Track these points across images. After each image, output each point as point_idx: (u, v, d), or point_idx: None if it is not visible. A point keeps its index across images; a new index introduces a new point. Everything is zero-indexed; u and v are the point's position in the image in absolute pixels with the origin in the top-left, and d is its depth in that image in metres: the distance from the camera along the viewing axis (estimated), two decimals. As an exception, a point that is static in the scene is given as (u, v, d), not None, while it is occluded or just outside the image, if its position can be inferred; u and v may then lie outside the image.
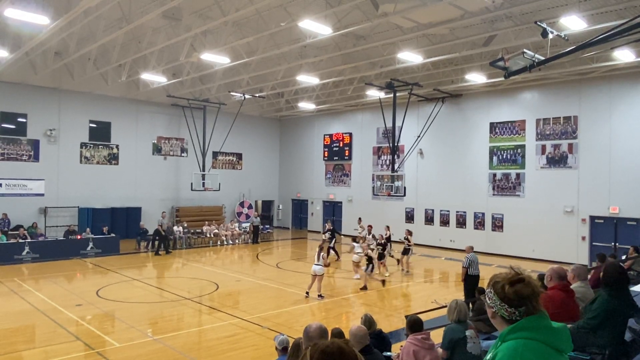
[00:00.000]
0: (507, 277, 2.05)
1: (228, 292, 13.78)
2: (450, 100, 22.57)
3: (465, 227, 22.07)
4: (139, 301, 12.35)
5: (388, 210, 24.67)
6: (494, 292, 2.05)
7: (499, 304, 2.03)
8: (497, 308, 2.04)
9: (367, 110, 26.51)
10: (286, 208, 31.15)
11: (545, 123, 19.54)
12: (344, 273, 16.80)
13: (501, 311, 2.03)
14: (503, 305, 2.02)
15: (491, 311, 2.08)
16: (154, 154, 25.56)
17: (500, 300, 2.02)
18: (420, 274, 16.97)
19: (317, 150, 29.34)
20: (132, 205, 23.98)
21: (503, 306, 2.02)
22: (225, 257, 20.89)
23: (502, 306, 2.02)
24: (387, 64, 18.15)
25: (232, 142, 27.59)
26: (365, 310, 11.84)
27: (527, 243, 19.66)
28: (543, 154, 19.59)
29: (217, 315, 11.13)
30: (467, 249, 12.07)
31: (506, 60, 10.12)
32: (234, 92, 23.32)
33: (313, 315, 11.49)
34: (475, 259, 11.58)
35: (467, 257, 11.66)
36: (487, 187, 21.34)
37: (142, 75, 19.18)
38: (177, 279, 15.57)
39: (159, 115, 25.66)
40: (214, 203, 27.42)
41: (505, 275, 2.07)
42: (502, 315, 2.03)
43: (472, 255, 11.66)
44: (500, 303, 2.03)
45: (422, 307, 11.49)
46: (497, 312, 2.04)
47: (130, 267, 17.30)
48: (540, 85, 19.69)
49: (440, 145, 23.12)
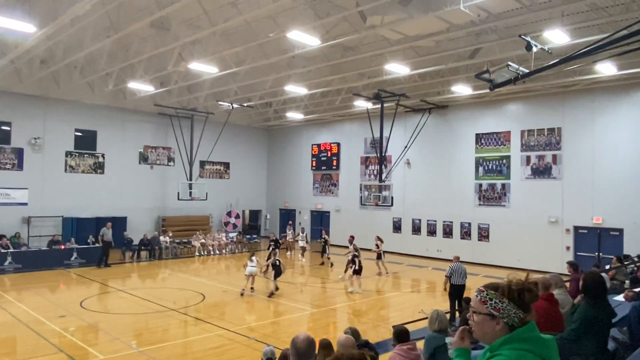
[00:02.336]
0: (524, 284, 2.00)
1: (214, 302, 13.65)
2: (436, 111, 22.82)
3: (452, 237, 22.20)
4: (124, 312, 12.18)
5: (376, 220, 24.74)
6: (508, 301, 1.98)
7: (513, 313, 1.98)
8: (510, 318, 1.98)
9: (355, 120, 26.65)
10: (274, 218, 31.05)
11: (530, 134, 19.86)
12: (331, 284, 16.76)
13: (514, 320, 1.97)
14: (518, 312, 1.97)
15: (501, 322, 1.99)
16: (140, 163, 25.34)
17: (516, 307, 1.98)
18: (407, 284, 17.00)
19: (305, 160, 29.37)
20: (117, 214, 23.69)
21: (518, 313, 1.97)
22: (212, 268, 20.71)
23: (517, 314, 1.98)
24: (374, 75, 18.31)
25: (220, 152, 27.49)
26: (353, 320, 11.82)
27: (512, 253, 19.84)
28: (528, 165, 19.87)
29: (203, 326, 11.01)
30: (453, 258, 12.18)
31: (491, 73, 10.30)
32: (222, 102, 23.26)
33: (300, 326, 11.43)
34: (459, 269, 11.67)
35: (450, 267, 11.80)
36: (473, 198, 21.54)
37: (129, 84, 19.07)
38: (162, 289, 15.38)
39: (145, 124, 25.49)
40: (201, 213, 27.22)
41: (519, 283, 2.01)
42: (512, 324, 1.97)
43: (456, 265, 11.75)
44: (515, 311, 1.98)
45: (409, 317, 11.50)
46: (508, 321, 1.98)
47: (114, 278, 17.06)
48: (525, 97, 20.03)
49: (427, 155, 23.31)
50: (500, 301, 1.99)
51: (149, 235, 22.24)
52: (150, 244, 21.71)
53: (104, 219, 21.49)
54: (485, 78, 10.45)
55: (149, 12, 12.14)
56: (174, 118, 24.99)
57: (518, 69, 9.98)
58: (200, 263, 21.53)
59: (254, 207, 31.49)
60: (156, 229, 24.97)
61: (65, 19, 11.46)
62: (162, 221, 25.68)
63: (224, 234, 25.22)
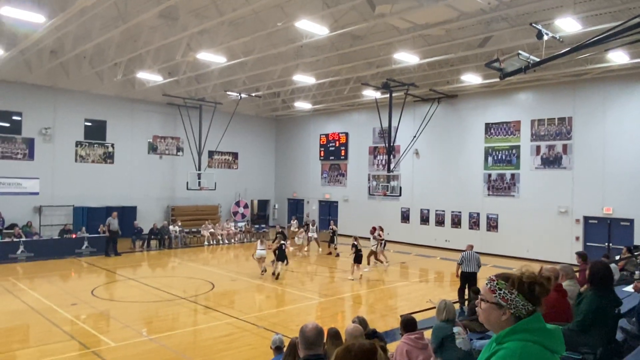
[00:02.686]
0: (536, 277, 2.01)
1: (224, 291, 13.78)
2: (446, 101, 22.65)
3: (460, 227, 22.15)
4: (134, 300, 12.34)
5: (384, 210, 24.74)
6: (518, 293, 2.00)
7: (521, 305, 1.99)
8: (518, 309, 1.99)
9: (363, 110, 26.53)
10: (282, 208, 31.16)
11: (540, 124, 19.65)
12: (340, 273, 16.85)
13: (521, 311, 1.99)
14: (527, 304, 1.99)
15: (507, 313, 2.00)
16: (149, 153, 25.49)
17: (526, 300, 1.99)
18: (415, 273, 17.05)
19: (313, 150, 29.36)
20: (127, 204, 23.92)
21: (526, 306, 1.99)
22: (220, 257, 20.89)
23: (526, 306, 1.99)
24: (383, 64, 18.18)
25: (228, 142, 27.55)
26: (361, 309, 11.90)
27: (521, 243, 19.77)
28: (538, 155, 19.70)
29: (212, 314, 11.14)
30: (466, 247, 12.35)
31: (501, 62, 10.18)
32: (230, 92, 23.28)
33: (309, 315, 11.52)
34: (470, 257, 11.84)
35: (461, 255, 12.03)
36: (482, 188, 21.43)
37: (138, 74, 19.12)
38: (172, 278, 15.55)
39: (154, 114, 25.58)
40: (209, 202, 27.39)
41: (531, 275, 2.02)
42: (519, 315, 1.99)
43: (468, 252, 11.96)
44: (524, 303, 1.99)
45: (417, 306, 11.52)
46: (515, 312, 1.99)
47: (125, 266, 17.26)
48: (536, 86, 19.79)
49: (436, 145, 23.19)
50: (510, 292, 2.00)
51: (159, 225, 22.45)
52: (159, 233, 21.92)
53: (114, 209, 21.71)
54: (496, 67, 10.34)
55: (157, 2, 12.13)
56: (182, 108, 25.05)
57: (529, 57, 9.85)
58: (209, 252, 21.71)
59: (263, 197, 31.60)
60: (165, 218, 25.19)
61: (74, 9, 11.49)
62: (172, 211, 25.88)
63: (232, 224, 25.39)
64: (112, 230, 19.24)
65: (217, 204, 27.84)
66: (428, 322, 8.70)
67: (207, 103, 25.25)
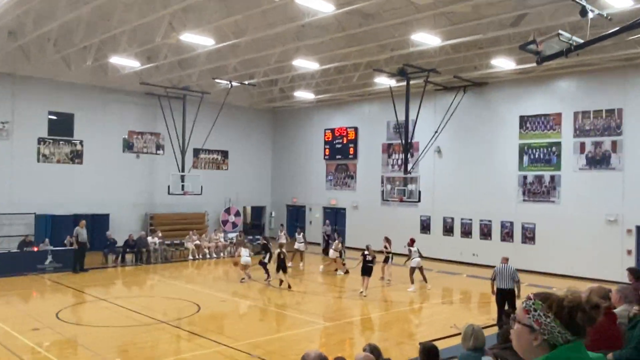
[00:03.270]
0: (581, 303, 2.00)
1: (211, 314, 13.79)
2: (473, 90, 22.62)
3: (490, 239, 22.08)
4: (106, 325, 12.33)
5: (400, 219, 24.70)
6: (554, 318, 2.00)
7: (557, 332, 1.98)
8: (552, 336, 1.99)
9: (376, 101, 26.48)
10: (280, 215, 31.17)
11: (585, 117, 19.60)
12: (348, 292, 16.83)
13: (557, 339, 1.99)
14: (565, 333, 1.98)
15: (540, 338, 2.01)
16: (124, 151, 25.57)
17: (563, 327, 1.98)
18: (437, 293, 17.01)
19: (317, 148, 29.37)
20: (98, 211, 23.97)
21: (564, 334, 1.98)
22: (208, 273, 20.87)
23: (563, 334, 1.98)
24: (398, 47, 18.17)
25: (217, 138, 27.58)
26: (373, 336, 11.88)
27: (562, 258, 19.68)
28: (582, 153, 19.64)
29: (198, 341, 11.13)
30: (501, 259, 12.50)
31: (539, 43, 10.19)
32: (219, 79, 23.31)
33: (311, 342, 11.49)
34: (504, 271, 11.97)
35: (494, 269, 12.21)
36: (516, 192, 21.37)
37: (111, 59, 19.20)
38: (151, 298, 15.58)
39: (130, 106, 25.66)
40: (195, 209, 27.41)
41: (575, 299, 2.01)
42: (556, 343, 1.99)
43: (501, 266, 12.11)
44: (560, 330, 1.98)
45: (439, 332, 11.51)
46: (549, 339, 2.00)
47: (96, 285, 17.28)
48: (579, 72, 19.73)
49: (462, 142, 23.15)
50: (545, 315, 2.00)
51: (135, 236, 22.48)
52: (136, 245, 21.96)
53: (83, 217, 21.77)
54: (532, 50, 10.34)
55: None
56: (163, 99, 25.10)
57: (571, 38, 9.85)
58: (195, 268, 21.71)
59: (257, 203, 31.60)
60: (143, 228, 25.21)
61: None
62: (150, 219, 25.93)
63: (222, 235, 25.41)
64: (81, 242, 19.29)
65: (203, 212, 27.85)
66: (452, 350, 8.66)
67: (192, 93, 25.30)
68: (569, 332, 1.97)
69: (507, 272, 11.96)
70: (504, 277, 11.91)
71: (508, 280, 11.89)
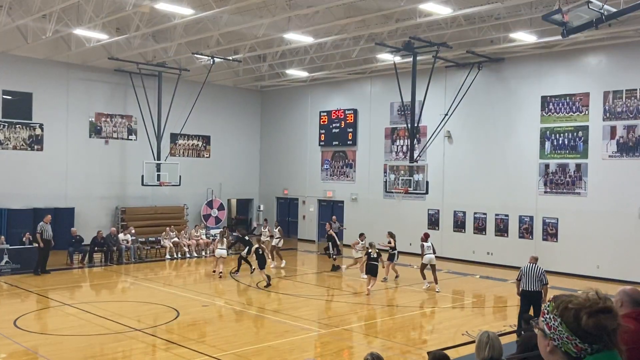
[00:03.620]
0: (585, 304, 2.01)
1: (192, 320, 13.77)
2: (488, 67, 22.58)
3: (507, 236, 22.16)
4: (72, 333, 12.28)
5: (405, 213, 24.74)
6: (561, 321, 2.02)
7: (566, 337, 2.00)
8: (563, 342, 2.01)
9: (378, 79, 26.41)
10: (269, 209, 31.17)
11: (617, 97, 19.61)
12: (346, 296, 16.87)
13: (567, 346, 2.00)
14: (573, 339, 1.99)
15: (551, 345, 2.05)
16: (91, 136, 25.45)
17: (570, 332, 1.99)
18: (447, 297, 17.07)
19: (311, 133, 29.32)
20: (61, 205, 23.90)
21: (572, 340, 1.99)
22: (187, 275, 20.86)
23: (572, 340, 1.99)
24: (404, 18, 18.09)
25: (198, 122, 27.49)
26: (375, 344, 11.91)
27: (589, 257, 19.77)
28: (612, 139, 19.67)
29: (177, 351, 11.12)
30: (529, 259, 12.72)
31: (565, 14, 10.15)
32: (199, 55, 23.18)
33: (305, 352, 11.51)
34: (530, 271, 12.19)
35: (520, 269, 12.46)
36: (536, 183, 21.42)
37: (75, 31, 19.02)
38: (123, 303, 15.55)
39: (98, 84, 25.51)
40: (172, 202, 27.39)
41: (582, 301, 2.03)
42: (568, 351, 2.01)
43: (528, 265, 12.33)
44: (569, 336, 1.99)
45: (449, 340, 11.55)
46: (561, 347, 2.02)
47: (59, 288, 17.23)
48: (610, 46, 19.72)
49: (475, 126, 23.15)
50: (554, 318, 2.04)
51: (104, 233, 22.45)
52: (105, 243, 21.92)
53: (45, 211, 21.68)
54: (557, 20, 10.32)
55: None
56: (135, 77, 24.96)
57: (602, 7, 9.82)
58: (173, 269, 21.71)
59: (243, 196, 31.59)
60: (113, 224, 25.15)
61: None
62: (122, 214, 25.88)
63: (203, 231, 25.40)
64: (46, 240, 19.24)
65: (182, 205, 27.84)
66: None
67: (168, 70, 25.17)
68: (577, 339, 1.97)
69: (534, 273, 12.11)
70: (531, 278, 12.07)
71: (535, 281, 12.04)
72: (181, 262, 22.95)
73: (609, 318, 1.98)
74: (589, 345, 1.96)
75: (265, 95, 31.76)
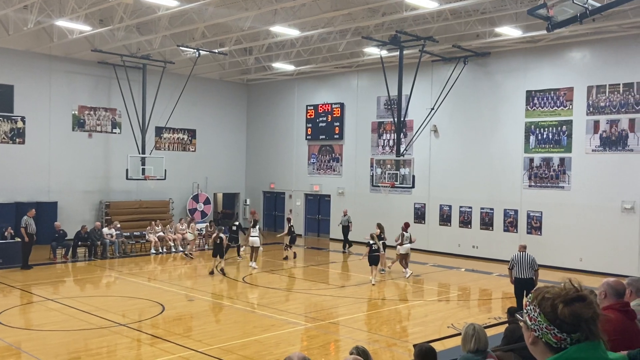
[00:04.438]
0: (561, 293, 2.05)
1: (177, 315, 13.75)
2: (474, 61, 22.67)
3: (492, 229, 22.32)
4: (55, 329, 12.24)
5: (391, 207, 24.81)
6: (540, 312, 2.05)
7: (545, 327, 2.04)
8: (542, 333, 2.04)
9: (365, 73, 26.42)
10: (255, 203, 31.12)
11: (600, 92, 19.78)
12: (331, 290, 16.91)
13: (547, 336, 2.04)
14: (552, 329, 2.02)
15: (532, 336, 2.08)
16: (74, 129, 25.22)
17: (548, 322, 2.03)
18: (432, 290, 17.19)
19: (298, 127, 29.28)
20: (44, 199, 23.70)
21: (551, 330, 2.02)
22: (173, 269, 20.80)
23: (550, 330, 2.02)
24: (391, 11, 18.09)
25: (183, 115, 27.38)
26: (360, 337, 11.96)
27: (572, 250, 19.99)
28: (596, 133, 19.86)
29: (162, 345, 11.10)
30: (518, 247, 13.29)
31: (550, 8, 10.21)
32: (184, 47, 23.03)
33: (292, 345, 11.54)
34: (522, 259, 12.73)
35: (511, 257, 13.07)
36: (521, 177, 21.58)
37: (58, 22, 18.80)
38: (107, 298, 15.48)
39: (81, 76, 25.27)
40: (157, 197, 27.26)
41: (558, 290, 2.06)
42: (548, 342, 2.04)
43: (519, 254, 12.87)
44: (547, 326, 2.03)
45: (435, 333, 11.63)
46: (542, 337, 2.05)
47: (43, 283, 17.12)
48: (595, 41, 19.86)
49: (461, 120, 23.25)
50: (534, 309, 2.08)
51: (89, 227, 22.31)
52: (89, 238, 21.78)
53: (27, 205, 21.47)
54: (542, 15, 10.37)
55: None
56: (119, 69, 24.76)
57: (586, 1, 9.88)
58: (158, 263, 21.63)
59: (230, 190, 31.52)
60: (98, 218, 25.04)
61: None
62: (106, 208, 25.73)
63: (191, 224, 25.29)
64: (30, 234, 19.13)
65: (168, 199, 27.74)
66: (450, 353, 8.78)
67: (153, 62, 24.99)
68: (555, 328, 2.01)
69: (525, 261, 12.71)
70: (523, 265, 12.67)
71: (527, 268, 12.64)
72: (166, 256, 22.87)
73: (584, 306, 2.01)
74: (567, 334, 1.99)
75: (252, 88, 31.66)
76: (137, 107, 25.24)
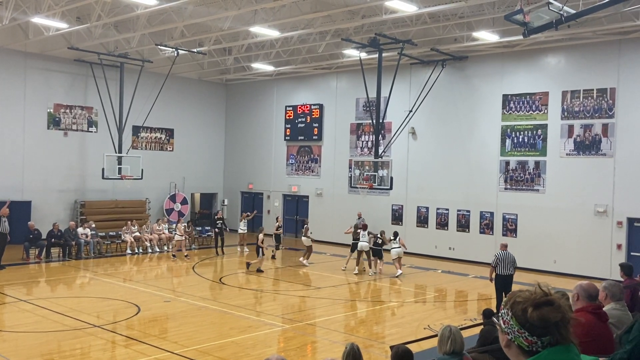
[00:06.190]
0: (530, 297, 2.10)
1: (153, 316, 13.66)
2: (452, 64, 22.85)
3: (468, 231, 22.51)
4: (27, 330, 12.08)
5: (369, 208, 24.85)
6: (512, 316, 2.10)
7: (517, 331, 2.08)
8: (514, 336, 2.09)
9: (344, 74, 26.47)
10: (233, 203, 30.98)
11: (574, 97, 20.08)
12: (310, 291, 16.91)
13: (519, 340, 2.08)
14: (523, 332, 2.07)
15: (506, 339, 2.13)
16: (49, 127, 24.86)
17: (519, 325, 2.08)
18: (409, 291, 17.27)
19: (277, 127, 29.22)
20: (17, 197, 23.25)
21: (522, 334, 2.07)
22: (149, 270, 20.62)
23: (522, 334, 2.07)
24: (370, 14, 18.14)
25: (161, 114, 27.16)
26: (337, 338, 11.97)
27: (547, 252, 20.24)
28: (570, 137, 20.14)
29: (137, 347, 11.00)
30: (500, 246, 14.10)
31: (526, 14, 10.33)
32: (162, 46, 22.87)
33: (268, 347, 11.56)
34: (505, 257, 13.50)
35: (495, 255, 13.79)
36: (497, 179, 21.81)
37: (33, 19, 18.53)
38: (81, 299, 15.29)
39: (57, 74, 24.95)
40: (134, 196, 27.01)
41: (528, 295, 2.11)
42: (520, 345, 2.08)
43: (503, 252, 13.62)
44: (519, 329, 2.08)
45: (411, 334, 11.69)
46: (514, 340, 2.10)
47: (15, 284, 16.86)
48: (569, 47, 20.16)
49: (438, 123, 23.41)
50: (507, 312, 2.14)
51: (63, 227, 22.01)
52: (63, 237, 21.48)
53: (0, 204, 21.12)
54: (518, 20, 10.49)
55: None
56: (96, 67, 24.50)
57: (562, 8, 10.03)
58: (134, 264, 21.42)
59: (207, 190, 31.33)
60: (72, 217, 24.73)
61: None
62: (81, 207, 25.41)
63: (165, 225, 25.10)
64: (3, 234, 18.79)
65: (144, 199, 27.50)
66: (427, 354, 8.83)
67: (131, 61, 24.76)
68: (526, 332, 2.06)
69: (509, 259, 13.48)
70: (506, 263, 13.52)
71: (509, 266, 13.49)
72: (142, 257, 22.66)
73: (552, 310, 2.05)
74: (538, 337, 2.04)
75: (231, 88, 31.51)
76: (114, 106, 24.98)
